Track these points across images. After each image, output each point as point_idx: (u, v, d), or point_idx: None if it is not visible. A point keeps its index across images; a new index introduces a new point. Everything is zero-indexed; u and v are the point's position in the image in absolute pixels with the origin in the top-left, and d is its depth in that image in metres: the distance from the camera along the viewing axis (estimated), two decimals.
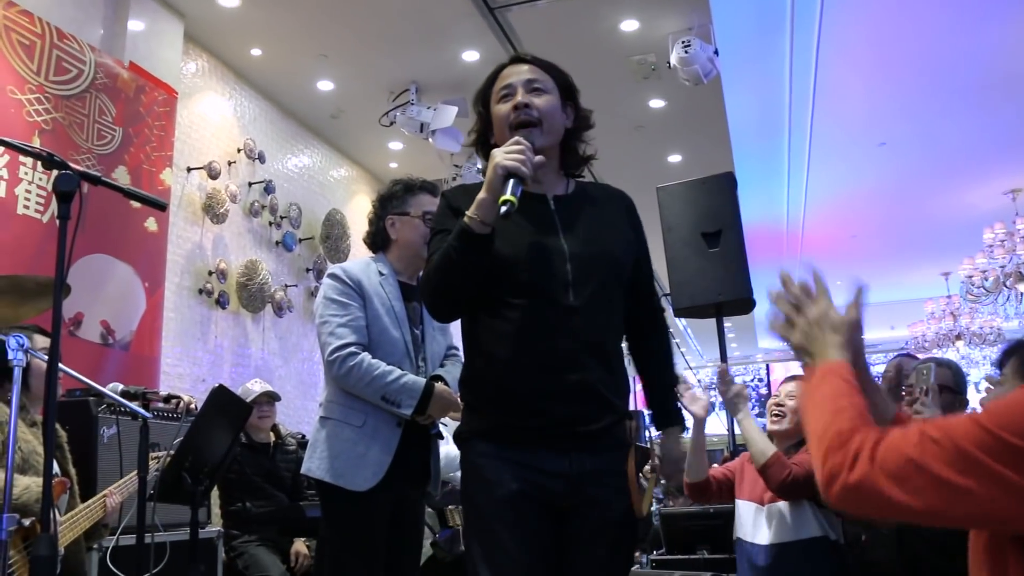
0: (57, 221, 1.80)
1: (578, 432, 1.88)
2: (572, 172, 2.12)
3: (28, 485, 2.59)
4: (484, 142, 2.09)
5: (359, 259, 2.95)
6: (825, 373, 1.26)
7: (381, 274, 2.82)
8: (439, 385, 2.69)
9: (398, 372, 2.66)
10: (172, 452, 2.82)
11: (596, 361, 1.91)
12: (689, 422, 2.62)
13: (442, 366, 2.90)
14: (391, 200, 2.90)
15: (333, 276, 2.81)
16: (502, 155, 1.83)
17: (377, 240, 2.92)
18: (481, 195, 1.83)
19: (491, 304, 1.93)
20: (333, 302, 2.75)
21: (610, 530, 1.92)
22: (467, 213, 1.84)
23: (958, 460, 0.97)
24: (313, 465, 2.69)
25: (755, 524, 2.92)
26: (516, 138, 1.89)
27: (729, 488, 3.10)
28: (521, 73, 2.03)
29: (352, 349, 2.66)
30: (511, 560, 1.82)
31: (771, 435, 3.01)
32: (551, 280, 1.91)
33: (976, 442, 0.96)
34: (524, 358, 1.88)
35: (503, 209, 1.76)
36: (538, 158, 1.88)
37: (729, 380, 3.00)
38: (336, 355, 2.66)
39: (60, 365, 1.82)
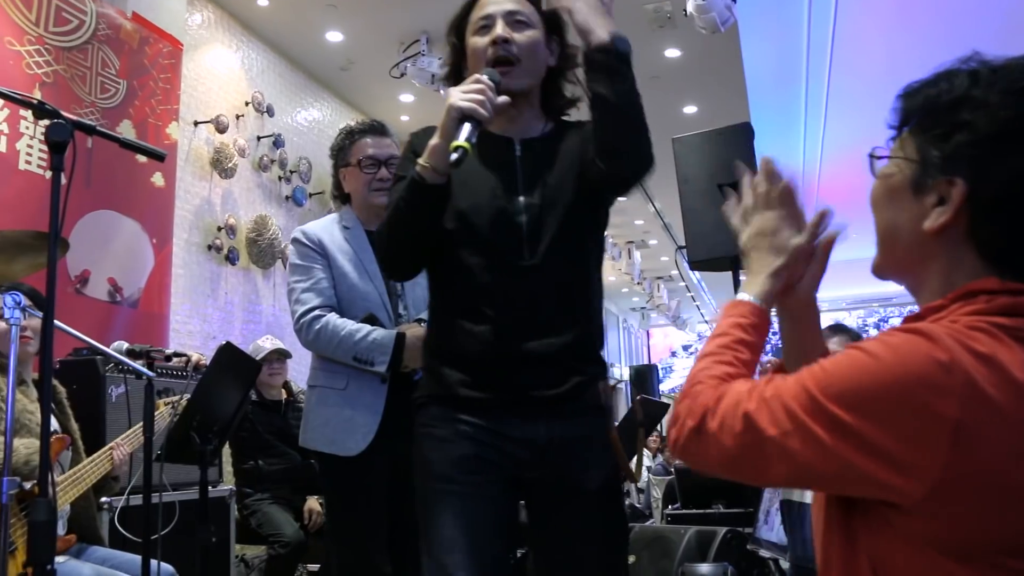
0: (51, 174, 1.73)
1: (540, 398, 1.71)
2: (556, 115, 1.90)
3: (17, 447, 2.52)
4: (458, 76, 1.86)
5: (322, 218, 2.82)
6: (733, 305, 1.18)
7: (346, 227, 2.69)
8: (410, 333, 2.52)
9: (366, 329, 2.52)
10: (185, 397, 2.77)
11: (559, 322, 1.74)
12: None
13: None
14: (339, 152, 2.76)
15: (294, 240, 2.70)
16: (458, 95, 1.63)
17: (339, 195, 2.80)
18: (434, 140, 1.65)
19: (447, 262, 1.77)
20: (296, 268, 2.65)
21: (590, 501, 1.74)
22: (419, 161, 1.66)
23: (784, 419, 0.96)
24: (307, 436, 2.63)
25: None
26: (476, 76, 1.69)
27: None
28: (502, 3, 1.80)
29: (316, 313, 2.56)
30: (454, 529, 1.66)
31: None
32: (506, 237, 1.74)
33: (799, 402, 0.95)
34: (480, 324, 1.72)
35: (453, 156, 1.56)
36: (502, 98, 1.68)
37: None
38: (302, 320, 2.57)
39: (56, 322, 1.75)
